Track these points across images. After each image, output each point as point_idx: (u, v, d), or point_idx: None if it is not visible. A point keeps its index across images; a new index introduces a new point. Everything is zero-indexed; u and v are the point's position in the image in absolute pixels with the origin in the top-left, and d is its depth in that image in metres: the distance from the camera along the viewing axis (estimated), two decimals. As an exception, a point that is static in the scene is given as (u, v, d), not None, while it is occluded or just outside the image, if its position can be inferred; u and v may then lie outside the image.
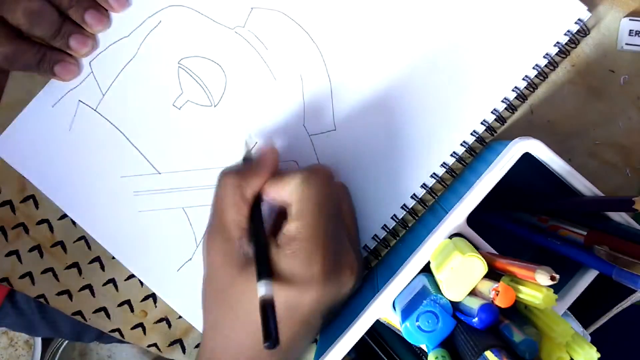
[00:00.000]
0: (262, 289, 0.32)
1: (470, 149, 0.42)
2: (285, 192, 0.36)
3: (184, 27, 0.42)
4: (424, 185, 0.42)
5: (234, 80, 0.42)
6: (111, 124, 0.43)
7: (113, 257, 0.44)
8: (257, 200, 0.37)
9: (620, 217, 0.36)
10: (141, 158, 0.43)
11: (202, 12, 0.42)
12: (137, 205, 0.43)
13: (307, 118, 0.42)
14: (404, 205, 0.42)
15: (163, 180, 0.43)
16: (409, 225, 0.43)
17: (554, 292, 0.29)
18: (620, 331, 0.41)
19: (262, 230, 0.36)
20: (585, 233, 0.35)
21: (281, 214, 0.37)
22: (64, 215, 0.44)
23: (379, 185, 0.42)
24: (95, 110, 0.43)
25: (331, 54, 0.42)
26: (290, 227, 0.34)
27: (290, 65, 0.42)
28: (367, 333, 0.35)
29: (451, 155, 0.42)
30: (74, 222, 0.44)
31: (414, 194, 0.42)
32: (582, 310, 0.38)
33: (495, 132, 0.43)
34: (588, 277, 0.36)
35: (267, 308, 0.31)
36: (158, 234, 0.43)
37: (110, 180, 0.43)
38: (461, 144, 0.42)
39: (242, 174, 0.36)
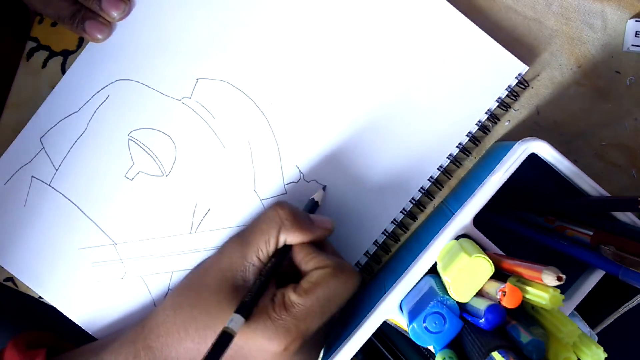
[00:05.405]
0: (233, 322, 0.32)
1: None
2: (310, 267, 0.36)
3: (132, 100, 0.43)
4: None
5: (183, 150, 0.43)
6: (66, 197, 0.43)
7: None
8: (286, 248, 0.37)
9: (627, 217, 0.36)
10: (97, 230, 0.43)
11: (149, 85, 0.43)
12: (96, 276, 0.43)
13: (258, 183, 0.43)
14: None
15: (119, 250, 0.43)
16: (409, 228, 0.43)
17: (561, 293, 0.29)
18: (627, 331, 0.41)
19: (272, 278, 0.36)
20: (591, 233, 0.35)
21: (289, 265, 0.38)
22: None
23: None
24: (49, 185, 0.43)
25: (277, 118, 0.43)
26: (292, 297, 0.35)
27: (237, 133, 0.43)
28: (375, 334, 0.36)
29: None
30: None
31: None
32: (589, 311, 0.38)
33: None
34: (595, 277, 0.36)
35: (224, 339, 0.31)
36: (118, 302, 0.43)
37: (69, 252, 0.43)
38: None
39: (295, 220, 0.37)
